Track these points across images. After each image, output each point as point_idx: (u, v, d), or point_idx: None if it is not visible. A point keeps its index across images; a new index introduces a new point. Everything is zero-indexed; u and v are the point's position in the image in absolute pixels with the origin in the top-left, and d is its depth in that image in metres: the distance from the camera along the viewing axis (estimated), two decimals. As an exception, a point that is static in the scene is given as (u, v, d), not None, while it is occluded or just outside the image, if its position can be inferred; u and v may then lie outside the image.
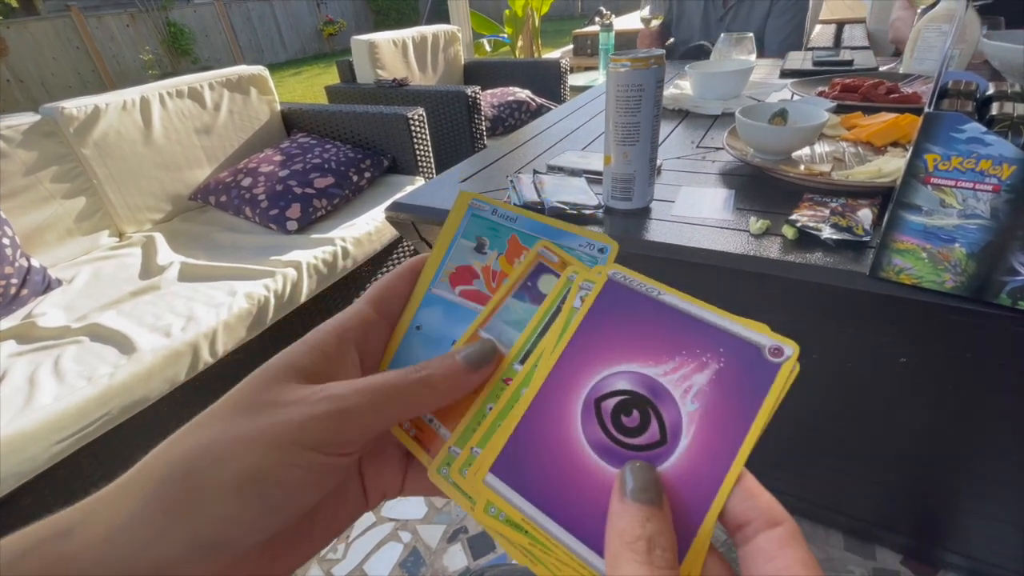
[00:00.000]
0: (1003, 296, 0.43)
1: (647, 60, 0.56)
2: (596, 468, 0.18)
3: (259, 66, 1.85)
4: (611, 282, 0.21)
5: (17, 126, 1.32)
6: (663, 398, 0.19)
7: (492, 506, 0.19)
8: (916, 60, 1.08)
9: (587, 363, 0.20)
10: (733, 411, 0.18)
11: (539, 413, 0.20)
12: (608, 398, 0.19)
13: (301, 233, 1.46)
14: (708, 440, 0.18)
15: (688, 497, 0.17)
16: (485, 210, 0.25)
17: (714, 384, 0.18)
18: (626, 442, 0.18)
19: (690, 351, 0.19)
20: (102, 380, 0.95)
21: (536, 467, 0.19)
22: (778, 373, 0.18)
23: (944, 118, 0.40)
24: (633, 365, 0.19)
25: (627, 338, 0.20)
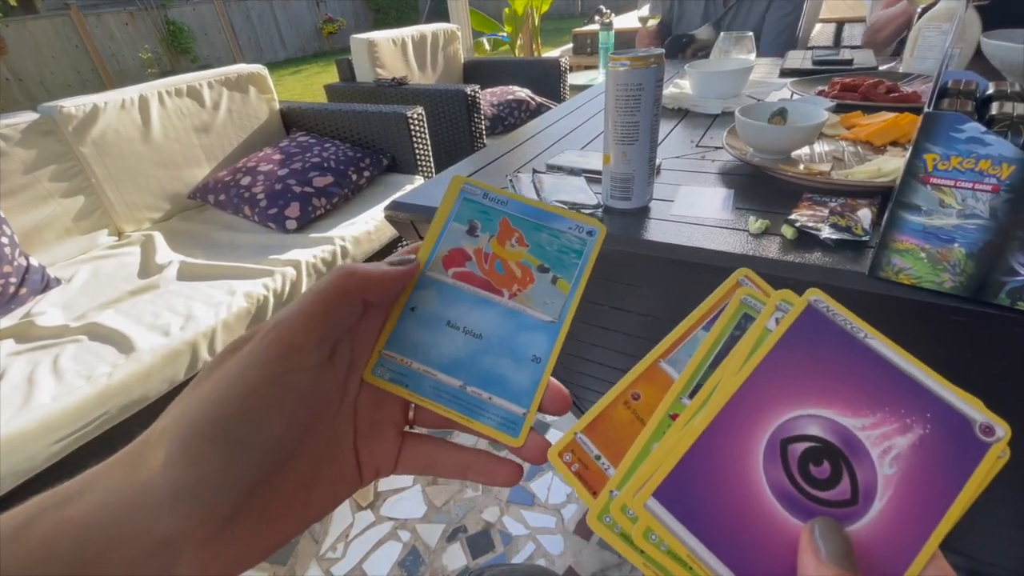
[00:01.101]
0: (1002, 296, 0.43)
1: (646, 59, 0.56)
2: (775, 515, 0.17)
3: (258, 65, 1.84)
4: (811, 309, 0.19)
5: (16, 125, 1.32)
6: (859, 454, 0.17)
7: (653, 533, 0.18)
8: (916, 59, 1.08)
9: (775, 396, 0.18)
10: (933, 485, 0.16)
11: (716, 441, 0.18)
12: (797, 441, 0.18)
13: (300, 232, 1.45)
14: (903, 511, 0.16)
15: (874, 569, 0.16)
16: (476, 194, 0.26)
17: (916, 450, 0.17)
18: (813, 494, 0.17)
19: (894, 409, 0.17)
20: (101, 379, 0.95)
21: (706, 500, 0.17)
22: (987, 453, 0.17)
23: (943, 118, 0.40)
24: (827, 410, 0.18)
25: (823, 377, 0.18)
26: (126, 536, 0.16)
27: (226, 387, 0.18)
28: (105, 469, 0.17)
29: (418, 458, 0.24)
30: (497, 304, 0.24)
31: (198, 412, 0.18)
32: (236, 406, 0.18)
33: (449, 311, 0.24)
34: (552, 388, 0.23)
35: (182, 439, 0.17)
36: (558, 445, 0.21)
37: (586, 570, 1.05)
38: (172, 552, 0.16)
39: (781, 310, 0.20)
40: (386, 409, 0.24)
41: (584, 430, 0.21)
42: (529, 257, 0.25)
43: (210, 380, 0.19)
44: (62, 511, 0.16)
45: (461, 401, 0.23)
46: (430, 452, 0.24)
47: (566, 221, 0.25)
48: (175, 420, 0.18)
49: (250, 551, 0.18)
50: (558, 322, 0.24)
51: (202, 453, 0.17)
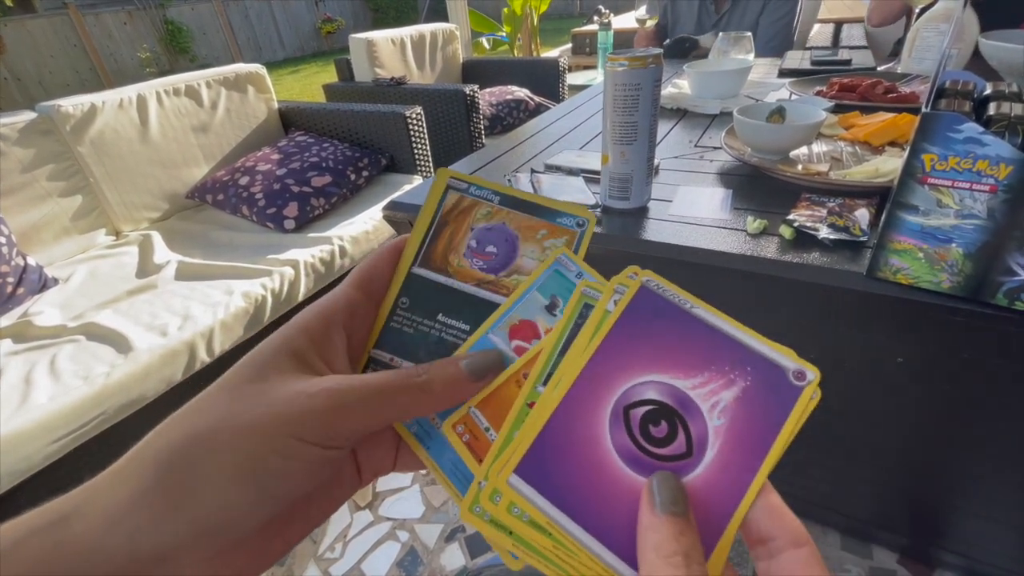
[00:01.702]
0: (999, 296, 0.43)
1: (645, 59, 0.56)
2: (623, 475, 0.19)
3: (257, 64, 1.84)
4: (644, 289, 0.21)
5: (14, 124, 1.32)
6: (691, 411, 0.19)
7: (515, 506, 0.19)
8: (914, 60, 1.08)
9: (617, 369, 0.20)
10: (756, 429, 0.18)
11: (567, 415, 0.20)
12: (637, 406, 0.19)
13: (298, 232, 1.45)
14: (731, 455, 0.18)
15: (710, 509, 0.18)
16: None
17: (740, 401, 0.19)
18: (653, 451, 0.19)
19: (719, 367, 0.19)
20: (98, 379, 0.95)
21: (562, 470, 0.19)
22: (800, 396, 0.19)
23: (941, 118, 0.40)
24: (663, 376, 0.20)
25: (657, 348, 0.20)
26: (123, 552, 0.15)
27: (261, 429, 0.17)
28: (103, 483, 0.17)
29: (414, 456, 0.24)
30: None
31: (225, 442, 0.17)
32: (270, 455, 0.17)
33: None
34: None
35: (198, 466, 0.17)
36: (452, 417, 0.22)
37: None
38: (175, 565, 0.16)
39: (619, 292, 0.21)
40: None
41: (478, 405, 0.22)
42: None
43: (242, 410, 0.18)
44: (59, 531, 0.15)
45: None
46: None
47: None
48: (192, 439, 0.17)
49: (251, 562, 0.18)
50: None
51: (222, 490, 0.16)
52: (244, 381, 0.19)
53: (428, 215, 0.25)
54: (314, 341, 0.21)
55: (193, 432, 0.17)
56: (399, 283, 0.24)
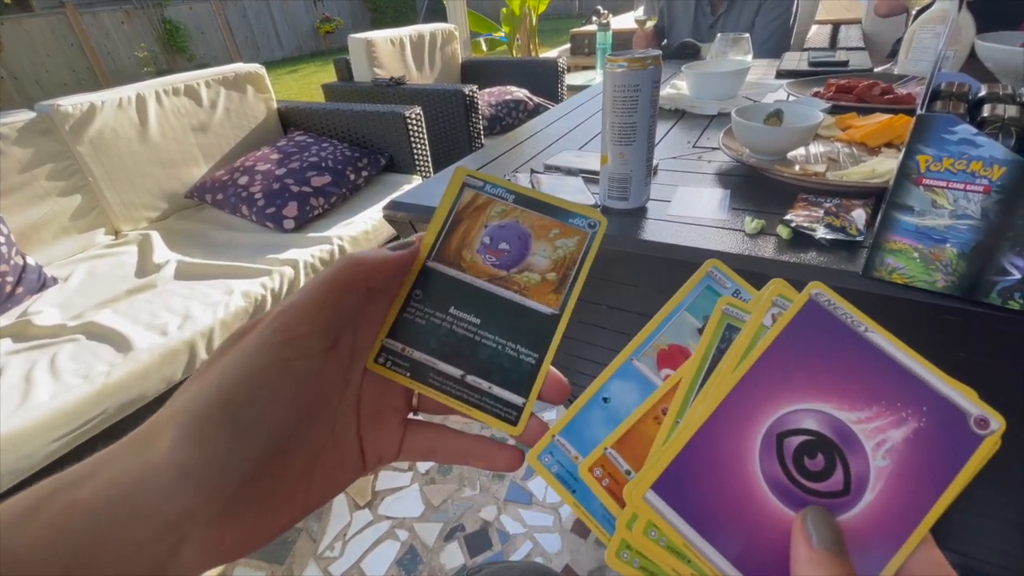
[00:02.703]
0: (993, 295, 0.44)
1: (643, 61, 0.56)
2: (770, 506, 0.17)
3: (256, 64, 1.84)
4: (812, 303, 0.19)
5: (12, 124, 1.32)
6: (853, 447, 0.18)
7: (653, 528, 0.18)
8: (911, 61, 1.09)
9: (773, 391, 0.19)
10: (925, 476, 0.17)
11: (713, 435, 0.19)
12: (792, 435, 0.18)
13: (298, 232, 1.45)
14: (894, 501, 0.17)
15: (862, 556, 0.16)
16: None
17: (910, 443, 0.17)
18: (806, 485, 0.18)
19: (890, 402, 0.18)
20: (99, 378, 0.95)
21: (703, 492, 0.18)
22: (980, 446, 0.17)
23: (936, 120, 0.41)
24: (824, 405, 0.18)
25: (821, 372, 0.18)
26: (134, 516, 0.16)
27: (231, 372, 0.19)
28: (113, 452, 0.18)
29: (420, 445, 0.24)
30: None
31: (204, 396, 0.18)
32: (241, 390, 0.18)
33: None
34: (552, 377, 0.23)
35: (188, 422, 0.18)
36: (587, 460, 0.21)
37: (583, 568, 1.05)
38: (179, 532, 0.17)
39: (778, 306, 0.20)
40: (389, 397, 0.25)
41: (615, 445, 0.21)
42: None
43: (216, 366, 0.19)
44: (71, 493, 0.16)
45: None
46: (431, 439, 0.25)
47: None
48: (183, 405, 0.18)
49: (254, 533, 0.19)
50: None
51: (208, 435, 0.18)
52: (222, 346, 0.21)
53: (444, 211, 0.26)
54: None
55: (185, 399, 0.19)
56: (412, 277, 0.25)
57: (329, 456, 0.22)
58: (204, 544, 0.17)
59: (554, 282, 0.24)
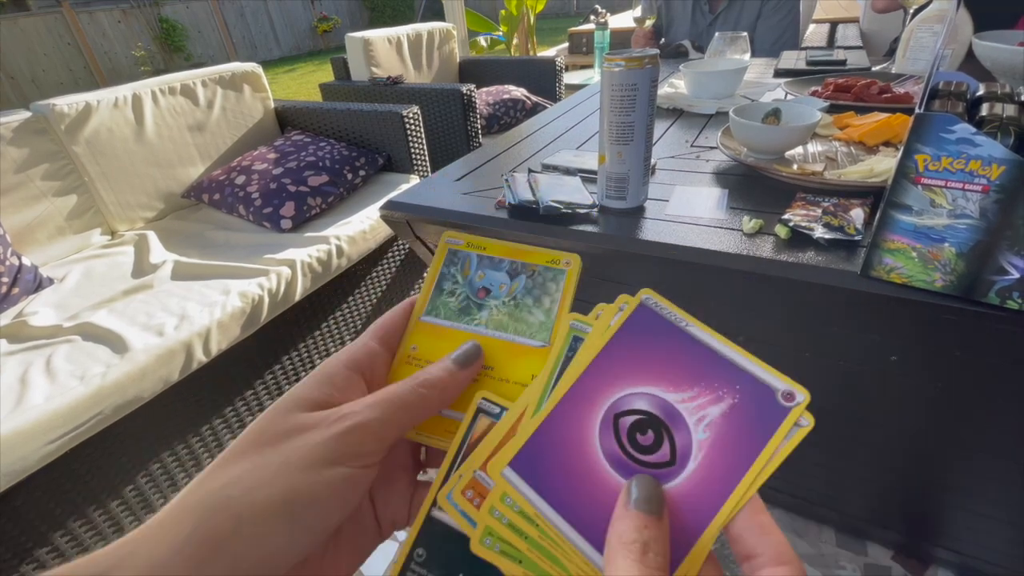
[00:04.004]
0: (992, 295, 0.44)
1: (641, 60, 0.56)
2: (608, 477, 0.20)
3: (252, 63, 1.83)
4: (642, 306, 0.23)
5: (8, 123, 1.31)
6: (677, 423, 0.20)
7: (508, 496, 0.20)
8: (909, 60, 1.09)
9: (611, 379, 0.21)
10: (740, 445, 0.19)
11: (561, 418, 0.21)
12: (627, 415, 0.21)
13: (295, 231, 1.45)
14: (713, 467, 0.19)
15: (688, 515, 0.19)
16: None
17: (726, 417, 0.20)
18: (638, 458, 0.20)
19: (708, 384, 0.20)
20: (94, 380, 0.95)
21: (552, 468, 0.20)
22: (787, 416, 0.19)
23: (934, 119, 0.41)
24: (654, 388, 0.21)
25: (651, 362, 0.21)
26: None
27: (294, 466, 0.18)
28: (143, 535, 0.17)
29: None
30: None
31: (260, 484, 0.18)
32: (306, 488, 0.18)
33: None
34: None
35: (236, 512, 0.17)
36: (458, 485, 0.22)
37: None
38: None
39: (621, 310, 0.23)
40: (398, 455, 0.25)
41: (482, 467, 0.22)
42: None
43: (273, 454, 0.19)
44: None
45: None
46: None
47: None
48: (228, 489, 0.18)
49: None
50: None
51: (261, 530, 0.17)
52: (268, 429, 0.20)
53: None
54: (336, 388, 0.22)
55: (228, 478, 0.18)
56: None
57: (351, 528, 0.22)
58: None
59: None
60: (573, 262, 0.27)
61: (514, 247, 0.28)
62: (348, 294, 1.54)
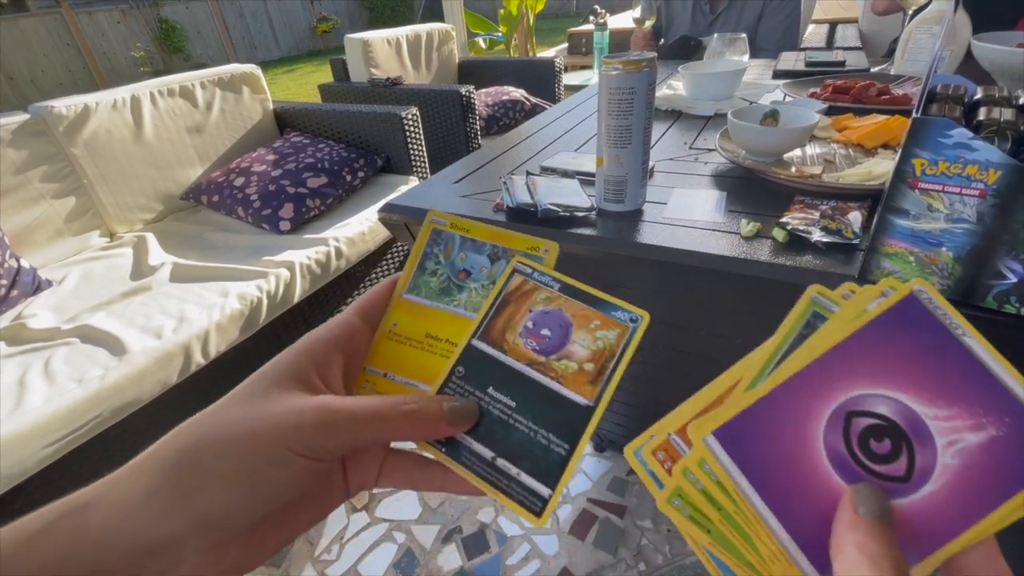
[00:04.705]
0: (990, 299, 0.44)
1: (639, 63, 0.56)
2: (824, 474, 0.18)
3: (251, 65, 1.84)
4: (912, 298, 0.19)
5: (6, 125, 1.31)
6: (924, 439, 0.18)
7: (706, 463, 0.19)
8: (907, 61, 1.09)
9: (853, 372, 0.19)
10: (992, 483, 0.17)
11: (783, 399, 0.19)
12: (863, 416, 0.19)
13: (294, 233, 1.45)
14: (953, 498, 0.17)
15: (912, 542, 0.17)
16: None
17: (983, 448, 0.17)
18: (867, 464, 0.18)
19: (972, 406, 0.18)
20: (93, 382, 0.95)
21: (762, 448, 0.19)
22: None
23: (931, 123, 0.41)
24: (903, 395, 0.18)
25: (907, 363, 0.19)
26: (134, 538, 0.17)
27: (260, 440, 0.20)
28: (117, 477, 0.19)
29: (397, 473, 0.25)
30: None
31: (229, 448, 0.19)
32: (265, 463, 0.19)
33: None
34: None
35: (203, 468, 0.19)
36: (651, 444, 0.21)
37: (580, 570, 1.05)
38: (177, 553, 0.18)
39: (885, 295, 0.20)
40: None
41: (678, 432, 0.21)
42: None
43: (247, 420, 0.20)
44: (78, 518, 0.17)
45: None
46: (409, 468, 0.25)
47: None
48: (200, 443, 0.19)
49: (248, 556, 0.20)
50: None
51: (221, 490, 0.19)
52: (249, 395, 0.21)
53: (494, 294, 0.26)
54: (315, 363, 0.23)
55: (200, 437, 0.20)
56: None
57: (316, 489, 0.23)
58: (199, 566, 0.18)
59: (591, 373, 0.24)
60: (552, 250, 0.27)
61: (496, 231, 0.28)
62: (347, 296, 1.54)
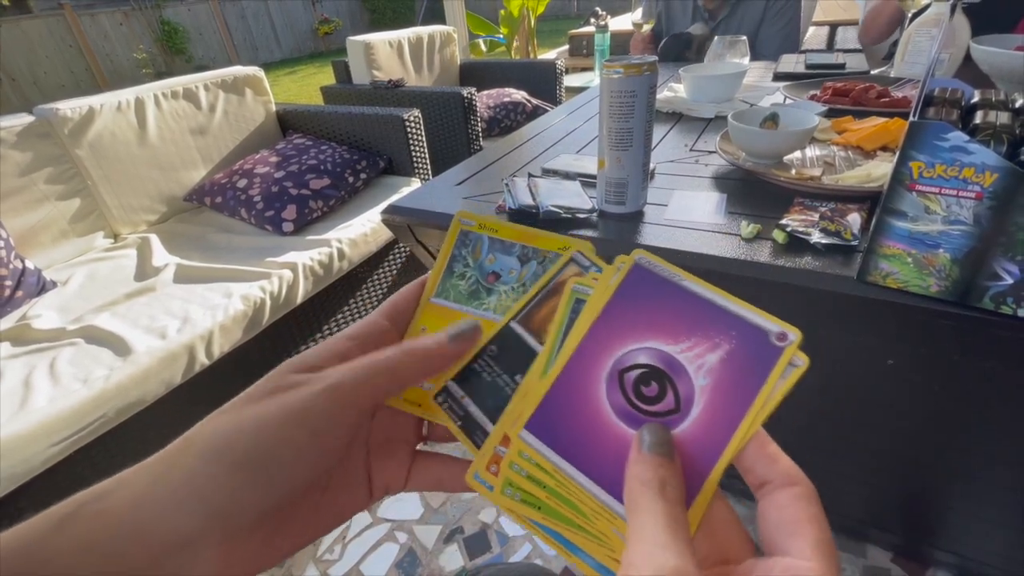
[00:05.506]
0: (986, 300, 0.44)
1: (640, 67, 0.57)
2: (617, 429, 0.21)
3: (254, 67, 1.84)
4: (637, 266, 0.23)
5: (11, 127, 1.32)
6: (679, 372, 0.21)
7: (524, 452, 0.22)
8: (907, 64, 1.10)
9: (614, 337, 0.22)
10: (739, 386, 0.20)
11: (570, 379, 0.22)
12: (631, 370, 0.22)
13: (297, 234, 1.46)
14: (716, 410, 0.20)
15: (696, 457, 0.20)
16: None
17: (724, 362, 0.21)
18: (645, 409, 0.21)
19: (705, 332, 0.21)
20: (98, 382, 0.95)
21: (565, 426, 0.22)
22: (781, 355, 0.20)
23: (928, 127, 0.41)
24: (654, 342, 0.22)
25: (650, 317, 0.22)
26: (153, 532, 0.17)
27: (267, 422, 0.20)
28: (139, 469, 0.19)
29: (427, 476, 0.25)
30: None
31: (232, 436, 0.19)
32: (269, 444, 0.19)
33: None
34: None
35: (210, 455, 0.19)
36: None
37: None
38: (193, 550, 0.18)
39: (620, 270, 0.24)
40: (400, 428, 0.25)
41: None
42: None
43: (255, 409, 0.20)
44: (100, 504, 0.18)
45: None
46: (438, 470, 0.25)
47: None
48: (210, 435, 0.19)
49: (263, 556, 0.20)
50: None
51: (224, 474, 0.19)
52: (265, 386, 0.21)
53: (544, 280, 0.26)
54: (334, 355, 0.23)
55: (214, 430, 0.20)
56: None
57: (338, 484, 0.23)
58: (215, 563, 0.18)
59: None
60: (584, 250, 0.26)
61: (526, 231, 0.27)
62: (349, 297, 1.54)
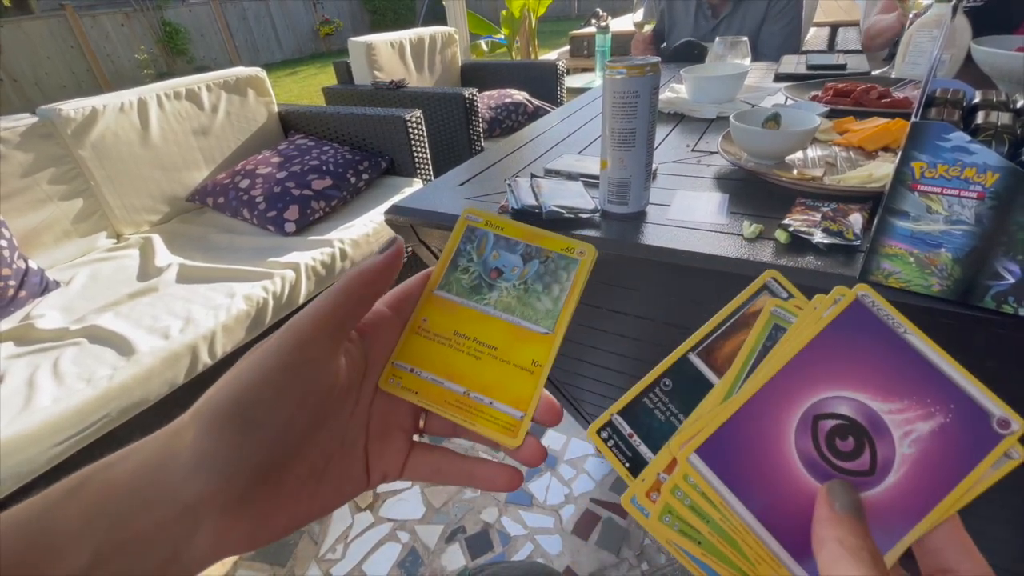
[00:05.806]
0: (988, 300, 0.44)
1: (643, 68, 0.57)
2: (799, 477, 0.20)
3: (256, 68, 1.85)
4: (858, 303, 0.21)
5: (14, 128, 1.32)
6: (882, 434, 0.19)
7: (691, 478, 0.21)
8: (908, 65, 1.10)
9: (814, 377, 0.20)
10: (945, 467, 0.18)
11: (755, 411, 0.21)
12: (827, 419, 0.20)
13: (299, 235, 1.46)
14: (913, 485, 0.19)
15: (878, 529, 0.18)
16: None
17: (935, 436, 0.19)
18: (835, 463, 0.20)
19: (920, 398, 0.19)
20: (101, 382, 0.96)
21: (742, 460, 0.20)
22: (999, 444, 0.18)
23: (930, 127, 0.41)
24: (860, 394, 0.20)
25: (860, 364, 0.20)
26: (158, 497, 0.18)
27: (246, 373, 0.21)
28: (145, 441, 0.20)
29: (424, 465, 0.26)
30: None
31: (221, 394, 0.20)
32: (251, 389, 0.20)
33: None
34: (545, 400, 0.25)
35: (206, 417, 0.20)
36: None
37: (584, 570, 1.06)
38: (195, 516, 0.19)
39: (836, 303, 0.21)
40: (398, 416, 0.26)
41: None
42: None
43: (236, 367, 0.21)
44: (108, 473, 0.19)
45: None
46: (436, 460, 0.26)
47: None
48: (205, 402, 0.20)
49: (260, 527, 0.21)
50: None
51: (220, 429, 0.19)
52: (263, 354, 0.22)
53: (735, 306, 0.25)
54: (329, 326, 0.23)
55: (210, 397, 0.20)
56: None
57: (337, 465, 0.23)
58: (214, 533, 0.19)
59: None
60: (588, 252, 0.26)
61: (531, 230, 0.28)
62: (351, 297, 1.55)
